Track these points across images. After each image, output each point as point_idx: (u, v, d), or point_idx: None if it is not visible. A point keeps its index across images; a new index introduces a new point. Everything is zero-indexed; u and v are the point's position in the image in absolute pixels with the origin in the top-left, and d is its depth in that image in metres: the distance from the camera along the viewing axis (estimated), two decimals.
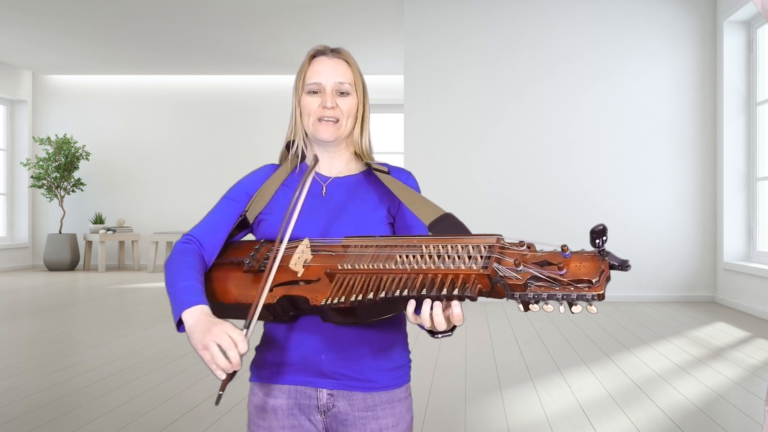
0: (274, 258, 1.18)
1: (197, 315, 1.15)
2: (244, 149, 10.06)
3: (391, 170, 1.37)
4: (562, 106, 6.58)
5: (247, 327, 1.13)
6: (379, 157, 1.47)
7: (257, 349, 1.35)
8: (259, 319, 1.25)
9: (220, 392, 1.08)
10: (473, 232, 1.21)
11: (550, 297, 0.97)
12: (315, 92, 1.34)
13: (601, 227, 0.96)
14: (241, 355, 1.09)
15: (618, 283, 6.37)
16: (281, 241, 1.21)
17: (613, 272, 6.58)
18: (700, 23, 6.49)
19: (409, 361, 1.37)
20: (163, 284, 7.95)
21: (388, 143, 10.08)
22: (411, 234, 1.34)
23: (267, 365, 1.31)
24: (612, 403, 3.12)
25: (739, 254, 6.20)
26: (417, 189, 1.37)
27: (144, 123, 10.31)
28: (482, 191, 6.61)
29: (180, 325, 1.18)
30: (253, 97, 10.14)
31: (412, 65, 6.72)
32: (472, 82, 6.65)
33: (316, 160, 1.29)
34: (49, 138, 9.48)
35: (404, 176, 1.38)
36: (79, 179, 9.74)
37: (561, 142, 6.57)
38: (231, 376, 1.09)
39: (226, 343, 1.08)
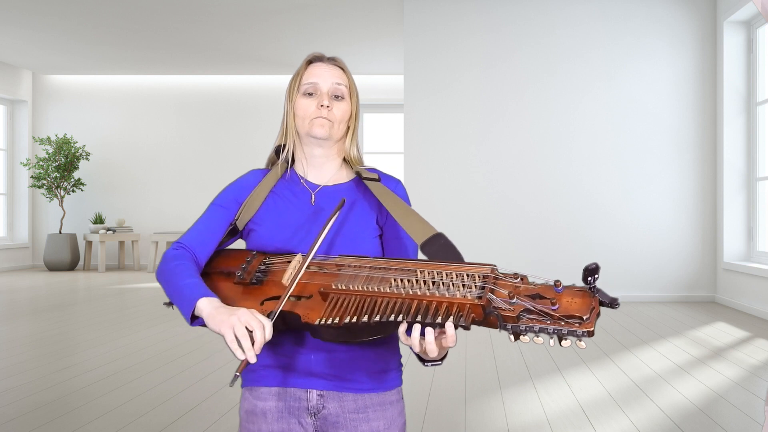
0: (295, 277, 1.17)
1: (216, 302, 1.15)
2: (244, 149, 10.06)
3: (381, 177, 1.36)
4: (562, 106, 6.58)
5: (273, 316, 1.13)
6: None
7: None
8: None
9: (237, 374, 1.07)
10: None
11: (541, 330, 0.99)
12: (310, 94, 1.33)
13: (594, 266, 0.99)
14: (265, 341, 1.09)
15: (618, 283, 6.37)
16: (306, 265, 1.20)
17: (610, 276, 6.60)
18: (700, 23, 6.49)
19: (401, 365, 1.35)
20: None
21: (388, 143, 10.07)
22: (401, 245, 1.34)
23: (256, 368, 1.29)
24: (612, 403, 3.12)
25: (739, 254, 6.20)
26: (406, 199, 1.36)
27: (144, 123, 10.31)
28: (482, 191, 6.61)
29: (193, 319, 1.17)
30: (253, 97, 10.14)
31: (412, 65, 6.72)
32: (472, 82, 6.65)
33: (342, 203, 1.26)
34: (49, 138, 9.48)
35: (393, 184, 1.37)
36: (79, 179, 9.74)
37: (561, 142, 6.57)
38: (248, 363, 1.09)
39: (255, 323, 1.09)
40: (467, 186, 6.62)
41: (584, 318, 0.98)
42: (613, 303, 1.00)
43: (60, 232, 9.64)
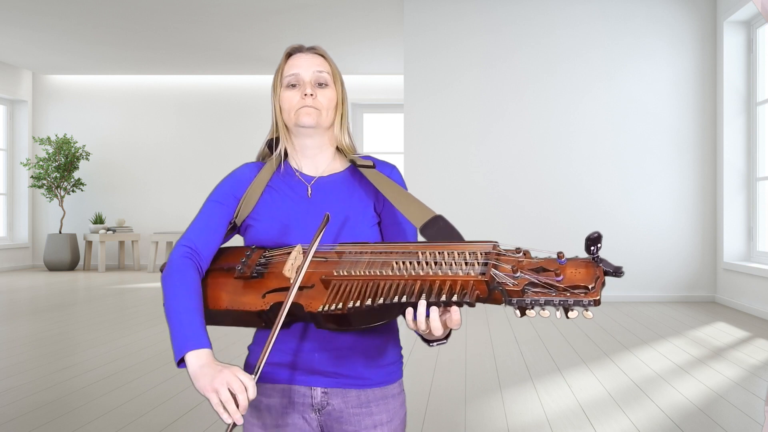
0: (292, 287, 1.16)
1: (204, 358, 1.14)
2: (244, 149, 10.05)
3: (376, 164, 1.36)
4: (562, 106, 6.58)
5: (257, 373, 1.12)
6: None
7: (250, 348, 1.35)
8: (251, 326, 1.24)
9: None
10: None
11: (547, 303, 0.98)
12: (293, 85, 1.33)
13: (596, 235, 0.99)
14: (249, 401, 1.09)
15: (618, 283, 6.36)
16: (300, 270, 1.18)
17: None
18: (700, 23, 6.49)
19: (401, 357, 1.37)
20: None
21: (388, 143, 10.08)
22: (400, 230, 1.34)
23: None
24: (612, 403, 3.12)
25: (739, 254, 6.20)
26: (402, 184, 1.37)
27: (144, 123, 10.31)
28: (482, 191, 6.61)
29: (181, 361, 1.16)
30: (253, 97, 10.14)
31: (412, 65, 6.72)
32: (472, 82, 6.65)
33: (327, 219, 1.23)
34: (49, 138, 9.48)
35: (388, 170, 1.37)
36: (79, 179, 9.74)
37: (561, 142, 6.57)
38: (234, 424, 1.08)
39: (237, 386, 1.08)
40: (467, 186, 6.62)
41: (590, 287, 0.97)
42: (617, 271, 0.99)
43: (60, 232, 9.64)
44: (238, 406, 1.08)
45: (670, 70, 6.51)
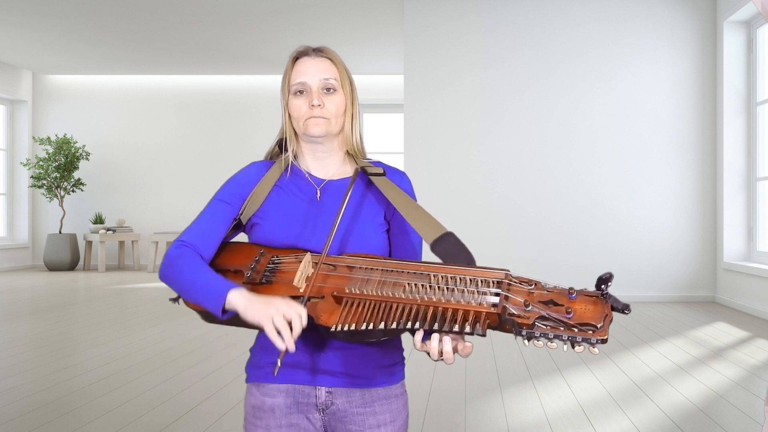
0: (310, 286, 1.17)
1: (245, 293, 1.16)
2: (244, 149, 10.05)
3: (386, 171, 1.35)
4: (562, 106, 6.58)
5: (304, 304, 1.15)
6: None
7: (252, 350, 1.35)
8: (259, 330, 1.25)
9: (279, 362, 1.11)
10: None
11: (556, 337, 1.02)
12: (301, 92, 1.31)
13: (608, 275, 1.03)
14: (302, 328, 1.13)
15: (618, 284, 6.37)
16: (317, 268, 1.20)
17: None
18: (700, 23, 6.49)
19: (403, 358, 1.37)
20: (162, 285, 7.95)
21: (388, 143, 10.07)
22: (407, 240, 1.34)
23: (264, 365, 1.30)
24: (612, 403, 3.12)
25: (739, 254, 6.20)
26: (411, 192, 1.36)
27: (144, 123, 10.31)
28: (482, 191, 6.61)
29: (223, 313, 1.17)
30: (253, 97, 10.14)
31: (412, 65, 6.72)
32: (472, 82, 6.65)
33: (357, 172, 1.23)
34: (49, 138, 9.48)
35: (398, 178, 1.36)
36: (79, 179, 9.74)
37: (561, 142, 6.57)
38: (287, 351, 1.12)
39: (292, 313, 1.11)
40: (467, 186, 6.62)
41: (598, 326, 1.00)
42: (624, 309, 1.03)
43: (60, 232, 9.63)
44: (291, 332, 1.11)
45: (670, 70, 6.51)
